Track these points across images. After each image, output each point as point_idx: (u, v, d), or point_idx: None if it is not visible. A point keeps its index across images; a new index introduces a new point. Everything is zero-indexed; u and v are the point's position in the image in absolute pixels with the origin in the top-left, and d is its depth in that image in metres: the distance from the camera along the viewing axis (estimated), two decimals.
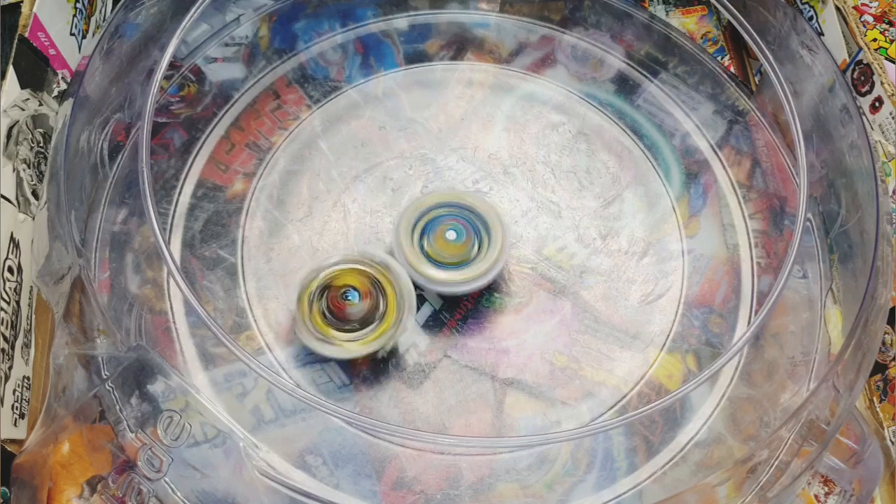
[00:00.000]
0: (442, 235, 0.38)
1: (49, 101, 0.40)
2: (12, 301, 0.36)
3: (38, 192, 0.39)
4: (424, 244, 0.38)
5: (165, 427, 0.32)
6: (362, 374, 0.38)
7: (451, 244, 0.38)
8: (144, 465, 0.31)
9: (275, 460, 0.36)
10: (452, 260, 0.38)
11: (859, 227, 0.40)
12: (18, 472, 0.33)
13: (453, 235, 0.38)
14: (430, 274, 0.37)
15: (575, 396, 0.38)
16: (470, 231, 0.38)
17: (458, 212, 0.39)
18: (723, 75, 0.47)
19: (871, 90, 0.41)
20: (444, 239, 0.38)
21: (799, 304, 0.41)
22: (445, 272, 0.38)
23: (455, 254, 0.38)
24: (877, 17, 0.43)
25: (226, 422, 0.32)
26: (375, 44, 0.47)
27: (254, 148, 0.43)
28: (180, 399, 0.32)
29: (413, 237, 0.38)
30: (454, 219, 0.38)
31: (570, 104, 0.46)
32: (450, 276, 0.38)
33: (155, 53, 0.41)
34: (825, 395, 0.34)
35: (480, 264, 0.38)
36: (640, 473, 0.37)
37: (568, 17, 0.48)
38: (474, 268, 0.38)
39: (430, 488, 0.36)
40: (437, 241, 0.38)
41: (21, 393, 0.35)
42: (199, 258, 0.40)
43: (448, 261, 0.38)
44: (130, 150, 0.41)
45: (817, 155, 0.42)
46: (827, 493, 0.38)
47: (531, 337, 0.39)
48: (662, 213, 0.43)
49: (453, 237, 0.38)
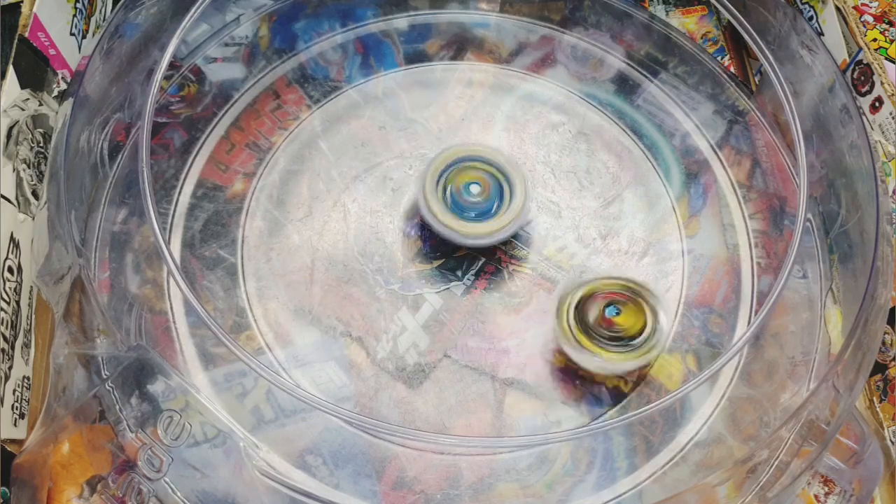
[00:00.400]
0: (465, 188, 0.39)
1: (49, 101, 0.40)
2: (12, 301, 0.36)
3: (38, 192, 0.39)
4: (447, 197, 0.39)
5: (165, 427, 0.32)
6: (362, 374, 0.38)
7: (474, 197, 0.39)
8: (144, 464, 0.31)
9: (275, 460, 0.36)
10: (476, 211, 0.39)
11: (859, 227, 0.40)
12: (18, 472, 0.33)
13: (477, 189, 0.39)
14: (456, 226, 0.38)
15: (575, 396, 0.38)
16: (490, 183, 0.39)
17: (481, 165, 0.40)
18: (723, 75, 0.47)
19: (871, 90, 0.41)
20: (467, 191, 0.39)
21: (799, 304, 0.41)
22: (470, 224, 0.39)
23: (478, 205, 0.39)
24: (877, 17, 0.43)
25: (226, 422, 0.32)
26: (375, 44, 0.47)
27: (254, 148, 0.43)
28: (180, 399, 0.32)
29: (437, 190, 0.39)
30: (477, 172, 0.40)
31: (570, 104, 0.46)
32: (474, 228, 0.39)
33: (155, 53, 0.41)
34: (825, 395, 0.34)
35: (505, 216, 0.39)
36: (640, 473, 0.37)
37: (568, 17, 0.48)
38: (498, 220, 0.39)
39: (430, 488, 0.36)
40: (460, 193, 0.39)
41: (21, 393, 0.35)
42: (199, 258, 0.40)
43: (471, 213, 0.39)
44: (130, 150, 0.41)
45: (817, 155, 0.42)
46: (827, 493, 0.38)
47: (531, 337, 0.39)
48: (662, 213, 0.43)
49: (477, 190, 0.39)
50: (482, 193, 0.39)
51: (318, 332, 0.39)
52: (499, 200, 0.39)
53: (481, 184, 0.39)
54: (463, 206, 0.39)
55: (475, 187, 0.39)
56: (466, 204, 0.39)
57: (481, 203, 0.39)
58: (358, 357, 0.38)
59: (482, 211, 0.39)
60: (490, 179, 0.40)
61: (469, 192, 0.39)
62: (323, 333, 0.39)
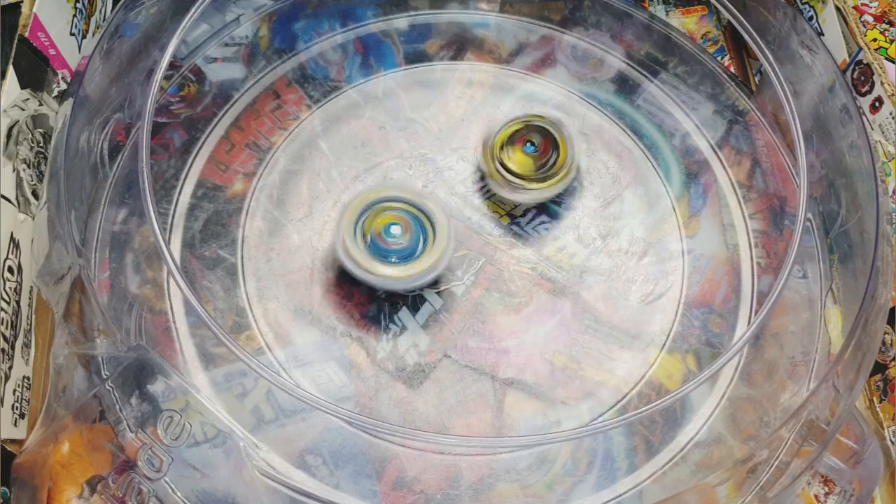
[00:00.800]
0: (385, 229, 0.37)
1: (49, 101, 0.40)
2: (12, 301, 0.36)
3: (38, 192, 0.39)
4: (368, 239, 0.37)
5: (165, 427, 0.32)
6: (362, 374, 0.38)
7: (396, 238, 0.37)
8: (144, 464, 0.31)
9: (275, 460, 0.36)
10: (397, 254, 0.37)
11: (859, 227, 0.40)
12: (18, 472, 0.33)
13: (398, 230, 0.37)
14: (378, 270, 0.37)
15: (575, 396, 0.38)
16: (412, 225, 0.38)
17: (402, 206, 0.38)
18: (723, 75, 0.47)
19: (871, 90, 0.41)
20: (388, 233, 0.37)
21: (799, 304, 0.41)
22: (392, 268, 0.37)
23: (400, 247, 0.37)
24: (877, 17, 0.43)
25: (226, 422, 0.32)
26: (375, 44, 0.47)
27: (254, 148, 0.43)
28: (180, 399, 0.32)
29: (356, 233, 0.37)
30: (397, 214, 0.38)
31: (570, 104, 0.46)
32: (395, 271, 0.37)
33: (155, 53, 0.41)
34: (825, 395, 0.34)
35: (426, 259, 0.37)
36: (640, 473, 0.37)
37: (568, 17, 0.48)
38: (420, 263, 0.37)
39: (430, 488, 0.36)
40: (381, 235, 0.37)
41: (21, 393, 0.35)
42: (199, 258, 0.40)
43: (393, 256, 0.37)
44: (130, 150, 0.41)
45: (817, 155, 0.42)
46: (827, 493, 0.38)
47: (531, 337, 0.39)
48: (662, 213, 0.43)
49: (398, 232, 0.37)
50: (404, 235, 0.37)
51: (318, 332, 0.39)
52: (422, 242, 0.38)
53: (402, 225, 0.37)
54: (384, 250, 0.37)
55: (396, 228, 0.37)
56: (387, 247, 0.37)
57: (404, 245, 0.37)
58: (358, 357, 0.38)
59: (405, 254, 0.37)
60: (411, 220, 0.38)
61: (390, 235, 0.37)
62: (323, 333, 0.39)
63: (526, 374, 0.39)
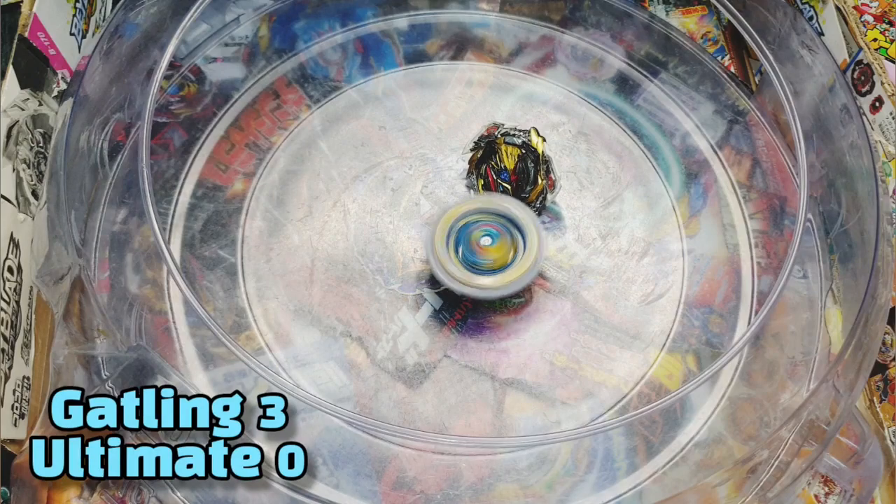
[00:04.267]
0: (477, 241, 0.38)
1: (49, 101, 0.40)
2: (12, 301, 0.36)
3: (38, 192, 0.39)
4: (460, 252, 0.38)
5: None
6: (362, 374, 0.38)
7: (487, 249, 0.38)
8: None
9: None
10: (489, 265, 0.38)
11: (859, 227, 0.40)
12: (18, 472, 0.33)
13: (488, 241, 0.38)
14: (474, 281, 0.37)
15: (575, 396, 0.38)
16: (505, 235, 0.38)
17: (492, 218, 0.39)
18: (723, 75, 0.47)
19: (871, 90, 0.41)
20: (479, 244, 0.38)
21: (799, 304, 0.41)
22: (485, 278, 0.37)
23: (492, 259, 0.38)
24: (877, 17, 0.43)
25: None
26: (375, 44, 0.47)
27: (254, 148, 0.43)
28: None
29: (449, 246, 0.38)
30: (488, 224, 0.38)
31: (570, 104, 0.46)
32: (489, 281, 0.37)
33: (155, 53, 0.41)
34: (825, 395, 0.34)
35: (518, 267, 0.38)
36: (640, 473, 0.37)
37: (568, 17, 0.48)
38: (513, 271, 0.38)
39: (430, 488, 0.36)
40: (474, 247, 0.38)
41: (21, 393, 0.35)
42: (199, 258, 0.40)
43: (485, 266, 0.38)
44: (130, 150, 0.41)
45: (817, 155, 0.42)
46: (827, 493, 0.38)
47: (531, 337, 0.39)
48: (662, 213, 0.43)
49: (488, 242, 0.38)
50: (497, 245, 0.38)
51: (318, 332, 0.39)
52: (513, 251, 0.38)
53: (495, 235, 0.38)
54: (477, 261, 0.38)
55: (486, 239, 0.38)
56: (481, 258, 0.38)
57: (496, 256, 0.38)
58: (358, 357, 0.38)
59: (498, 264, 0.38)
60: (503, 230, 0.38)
61: (482, 246, 0.38)
62: (323, 333, 0.39)
63: (526, 375, 0.39)
